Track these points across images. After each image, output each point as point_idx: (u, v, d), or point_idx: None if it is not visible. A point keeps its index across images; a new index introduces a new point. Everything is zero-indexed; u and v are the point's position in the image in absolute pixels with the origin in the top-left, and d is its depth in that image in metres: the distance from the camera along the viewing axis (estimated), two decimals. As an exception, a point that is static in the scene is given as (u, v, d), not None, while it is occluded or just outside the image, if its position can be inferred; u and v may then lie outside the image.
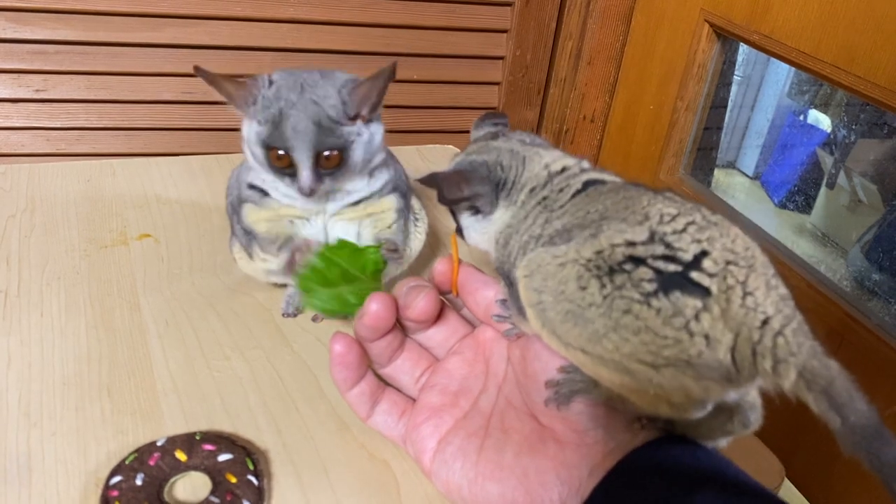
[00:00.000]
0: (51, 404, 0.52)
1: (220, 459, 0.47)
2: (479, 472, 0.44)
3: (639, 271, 0.36)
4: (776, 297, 0.36)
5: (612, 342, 0.37)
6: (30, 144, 1.32)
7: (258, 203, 0.59)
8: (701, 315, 0.35)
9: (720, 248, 0.37)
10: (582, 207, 0.42)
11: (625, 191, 0.42)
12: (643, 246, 0.37)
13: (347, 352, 0.47)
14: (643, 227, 0.38)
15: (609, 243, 0.38)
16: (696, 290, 0.36)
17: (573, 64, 1.55)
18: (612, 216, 0.40)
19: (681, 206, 0.39)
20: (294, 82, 0.54)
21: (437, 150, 0.98)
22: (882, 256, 1.31)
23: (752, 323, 0.35)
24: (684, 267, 0.36)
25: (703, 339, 0.35)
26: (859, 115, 1.54)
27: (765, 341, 0.35)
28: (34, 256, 0.67)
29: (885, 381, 0.99)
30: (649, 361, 0.36)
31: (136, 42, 1.30)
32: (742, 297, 0.36)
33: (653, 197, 0.40)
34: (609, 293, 0.37)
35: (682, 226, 0.38)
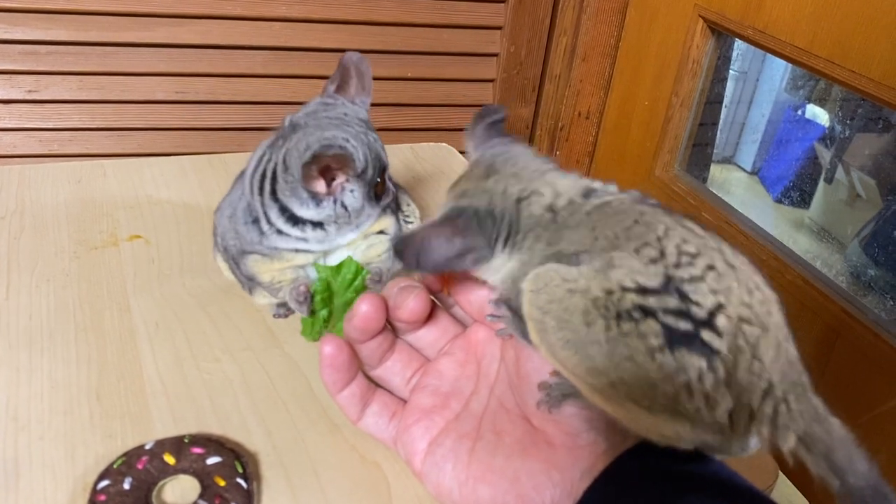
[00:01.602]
0: (39, 408, 0.51)
1: (208, 462, 0.46)
2: (471, 474, 0.44)
3: (647, 323, 0.35)
4: (784, 362, 0.35)
5: (609, 380, 0.36)
6: (22, 145, 1.31)
7: (269, 255, 0.57)
8: (704, 376, 0.34)
9: (737, 302, 0.35)
10: (588, 232, 0.40)
11: (638, 213, 0.39)
12: (655, 297, 0.35)
13: (337, 353, 0.46)
14: (657, 267, 0.36)
15: (619, 285, 0.36)
16: (703, 348, 0.34)
17: (568, 60, 1.55)
18: (625, 245, 0.38)
19: (701, 243, 0.37)
20: (336, 123, 0.54)
21: (431, 149, 0.97)
22: (880, 251, 1.31)
23: (755, 390, 0.34)
24: (696, 325, 0.35)
25: (702, 398, 0.35)
26: (857, 109, 1.54)
27: (765, 409, 0.34)
28: (23, 258, 0.67)
29: (881, 377, 0.99)
30: (645, 405, 0.36)
31: (128, 42, 1.29)
32: (749, 362, 0.34)
33: (671, 225, 0.38)
34: (614, 336, 0.35)
35: (701, 271, 0.36)
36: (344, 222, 0.56)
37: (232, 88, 1.38)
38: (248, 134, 1.40)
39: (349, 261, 0.57)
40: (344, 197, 0.54)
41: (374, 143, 0.55)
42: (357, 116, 0.56)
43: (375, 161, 0.55)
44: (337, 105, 0.57)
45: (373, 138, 0.55)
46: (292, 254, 0.57)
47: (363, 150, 0.54)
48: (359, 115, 0.56)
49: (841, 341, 1.04)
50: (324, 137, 0.53)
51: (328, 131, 0.54)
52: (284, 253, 0.57)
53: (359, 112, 0.57)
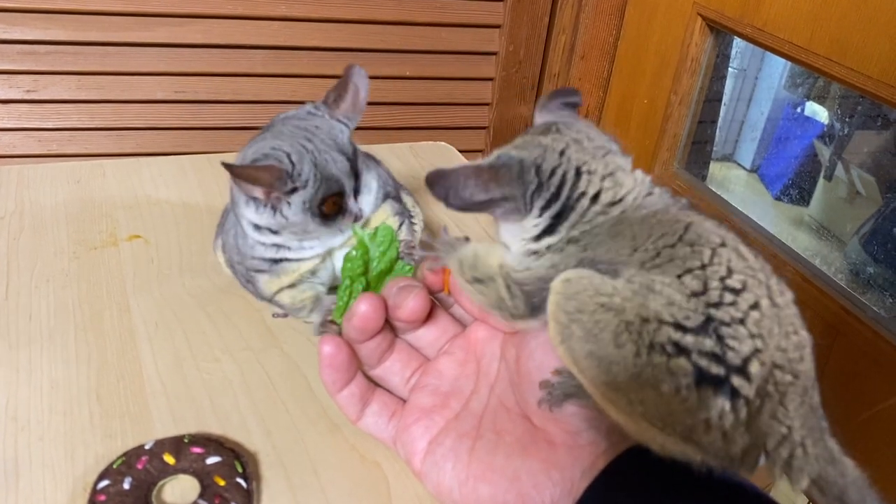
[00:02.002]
0: (38, 408, 0.52)
1: (208, 462, 0.46)
2: (471, 473, 0.44)
3: (679, 362, 0.34)
4: (807, 409, 0.35)
5: (628, 398, 0.36)
6: (21, 145, 1.31)
7: (274, 272, 0.57)
8: (725, 416, 0.34)
9: (773, 347, 0.35)
10: (629, 241, 0.39)
11: (684, 226, 0.38)
12: (693, 336, 0.34)
13: (337, 353, 0.46)
14: (698, 302, 0.35)
15: (657, 317, 0.35)
16: (730, 392, 0.34)
17: (567, 59, 1.55)
18: (667, 267, 0.37)
19: (750, 274, 0.36)
20: (296, 138, 0.53)
21: (430, 147, 0.97)
22: (880, 248, 1.31)
23: (774, 434, 0.34)
24: (728, 370, 0.34)
25: (720, 434, 0.34)
26: (856, 106, 1.54)
27: (781, 452, 0.34)
28: (23, 259, 0.67)
29: (880, 375, 0.99)
30: (659, 427, 0.36)
31: (127, 41, 1.29)
32: (775, 409, 0.34)
33: (717, 249, 0.37)
34: (643, 364, 0.35)
35: (743, 313, 0.35)
36: (291, 232, 0.55)
37: (232, 88, 1.38)
38: (247, 134, 1.38)
39: (384, 227, 0.53)
40: (281, 207, 0.53)
41: (329, 164, 0.53)
42: (330, 134, 0.54)
43: (323, 182, 0.52)
44: (316, 117, 0.56)
45: (332, 158, 0.53)
46: (290, 264, 0.57)
47: (308, 169, 0.52)
48: (332, 133, 0.54)
49: (840, 339, 1.04)
50: (271, 147, 0.53)
51: (281, 141, 0.53)
52: (284, 265, 0.57)
53: (334, 129, 0.55)
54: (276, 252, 0.56)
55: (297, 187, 0.52)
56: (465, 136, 1.58)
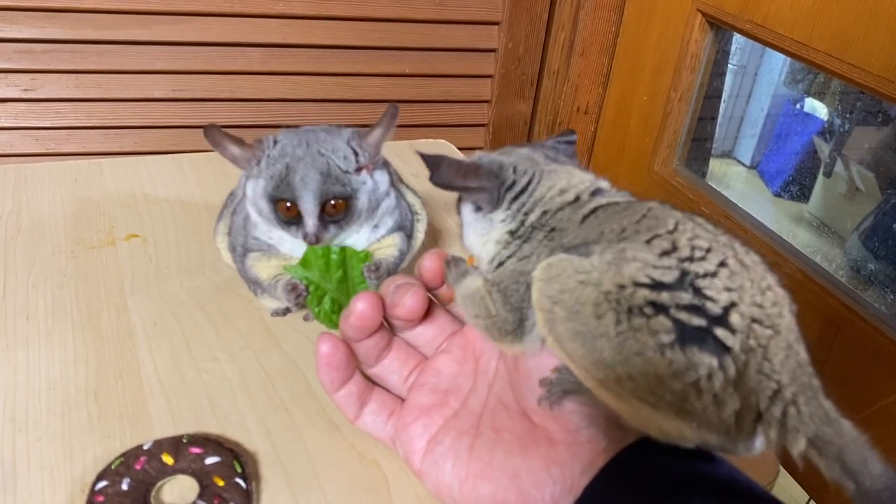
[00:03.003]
0: (36, 409, 0.51)
1: (207, 462, 0.46)
2: (470, 471, 0.43)
3: (658, 320, 0.34)
4: (794, 364, 0.35)
5: (616, 374, 0.36)
6: (18, 144, 1.31)
7: (267, 252, 0.58)
8: (714, 375, 0.34)
9: (749, 301, 0.35)
10: (595, 228, 0.40)
11: (646, 208, 0.40)
12: (668, 292, 0.35)
13: (334, 352, 0.46)
14: (671, 260, 0.36)
15: (632, 280, 0.35)
16: (714, 346, 0.34)
17: (566, 55, 1.55)
18: (635, 237, 0.38)
19: (713, 238, 0.37)
20: (299, 140, 0.55)
21: (429, 145, 0.97)
22: (880, 244, 1.31)
23: (764, 391, 0.34)
24: (709, 321, 0.34)
25: (710, 397, 0.34)
26: (855, 103, 1.54)
27: (773, 411, 0.34)
28: (20, 258, 0.67)
29: (881, 371, 0.99)
30: (650, 402, 0.35)
31: (124, 40, 1.29)
32: (760, 363, 0.34)
33: (682, 219, 0.38)
34: (624, 331, 0.35)
35: (714, 267, 0.36)
36: (262, 216, 0.56)
37: (229, 86, 1.37)
38: (245, 131, 1.38)
39: (310, 249, 0.56)
40: (255, 183, 0.55)
41: (296, 174, 0.53)
42: (330, 155, 0.54)
43: (280, 185, 0.53)
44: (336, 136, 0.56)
45: (305, 173, 0.53)
46: (287, 255, 0.57)
47: (278, 168, 0.53)
48: (332, 157, 0.54)
49: (841, 335, 1.04)
50: (272, 135, 0.56)
51: (284, 136, 0.56)
52: (278, 252, 0.57)
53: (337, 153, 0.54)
54: (270, 238, 0.58)
55: (258, 175, 0.55)
56: (464, 133, 1.58)
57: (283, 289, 0.56)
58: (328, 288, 0.56)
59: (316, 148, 0.54)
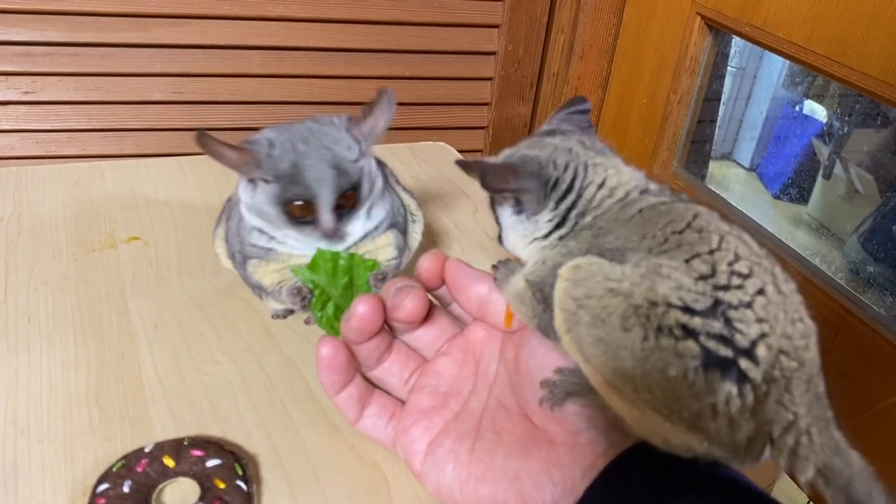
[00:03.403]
0: (38, 411, 0.51)
1: (208, 465, 0.46)
2: (471, 473, 0.44)
3: (687, 344, 0.34)
4: (812, 397, 0.35)
5: (634, 385, 0.36)
6: (19, 147, 1.31)
7: (265, 258, 0.57)
8: (732, 401, 0.34)
9: (780, 332, 0.35)
10: (637, 229, 0.40)
11: (692, 215, 0.39)
12: (701, 319, 0.35)
13: (335, 355, 0.46)
14: (706, 285, 0.35)
15: (665, 300, 0.35)
16: (737, 375, 0.34)
17: (565, 58, 1.55)
18: (675, 252, 0.37)
19: (755, 262, 0.37)
20: (298, 136, 0.54)
21: (429, 148, 0.97)
22: (879, 246, 1.31)
23: (780, 421, 0.34)
24: (736, 352, 0.34)
25: (726, 420, 0.34)
26: (854, 105, 1.54)
27: (786, 439, 0.34)
28: (21, 261, 0.67)
29: (880, 374, 0.99)
30: (664, 414, 0.36)
31: (124, 42, 1.29)
32: (780, 394, 0.34)
33: (727, 235, 0.38)
34: (650, 347, 0.35)
35: (751, 296, 0.35)
36: (266, 221, 0.55)
37: (229, 88, 1.38)
38: (245, 134, 1.39)
39: (320, 253, 0.55)
40: (255, 187, 0.54)
41: (309, 170, 0.52)
42: (333, 146, 0.53)
43: (292, 184, 0.52)
44: (332, 127, 0.55)
45: (317, 168, 0.52)
46: (287, 255, 0.57)
47: (284, 166, 0.52)
48: (336, 147, 0.53)
49: (840, 338, 1.04)
50: (265, 135, 0.54)
51: (280, 134, 0.54)
52: (278, 255, 0.57)
53: (340, 143, 0.54)
54: (268, 241, 0.57)
55: (263, 179, 0.53)
56: (464, 135, 1.58)
57: (289, 293, 0.55)
58: (333, 293, 0.56)
59: (319, 142, 0.53)
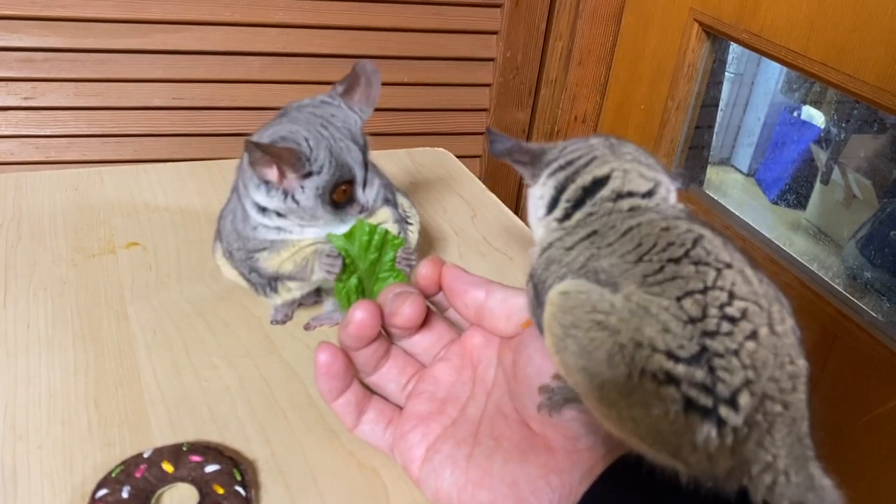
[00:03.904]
0: (37, 417, 0.52)
1: (207, 470, 0.46)
2: (469, 479, 0.44)
3: (668, 390, 0.34)
4: (794, 439, 0.35)
5: (618, 413, 0.36)
6: (18, 152, 1.31)
7: (273, 248, 0.58)
8: (711, 441, 0.34)
9: (766, 377, 0.35)
10: (633, 246, 0.39)
11: (692, 240, 0.38)
12: (685, 367, 0.34)
13: (332, 361, 0.46)
14: (694, 330, 0.35)
15: (650, 344, 0.35)
16: (717, 419, 0.34)
17: (564, 65, 1.55)
18: (668, 285, 0.37)
19: (750, 301, 0.36)
20: (315, 123, 0.55)
21: (428, 153, 0.97)
22: (877, 252, 1.31)
23: (759, 462, 0.35)
24: (716, 401, 0.34)
25: (705, 455, 0.35)
26: (852, 111, 1.54)
27: (764, 478, 0.35)
28: (20, 266, 0.67)
29: (877, 379, 0.99)
30: (648, 443, 0.36)
31: (125, 48, 1.29)
32: (761, 437, 0.35)
33: (723, 271, 0.37)
34: (634, 386, 0.35)
35: (739, 342, 0.35)
36: (298, 216, 0.56)
37: (229, 94, 1.38)
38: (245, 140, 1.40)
39: (360, 224, 0.57)
40: (294, 192, 0.54)
41: (343, 152, 0.54)
42: (346, 123, 0.56)
43: (337, 169, 0.54)
44: (332, 106, 0.57)
45: (346, 147, 0.55)
46: (293, 241, 0.57)
47: (323, 155, 0.53)
48: (347, 122, 0.56)
49: (838, 343, 1.04)
50: (288, 131, 0.54)
51: (298, 126, 0.54)
52: (287, 243, 0.57)
53: (349, 119, 0.56)
54: (278, 234, 0.57)
55: (313, 172, 0.54)
56: (462, 141, 1.59)
57: (323, 261, 0.56)
58: (360, 266, 0.57)
59: (334, 124, 0.55)
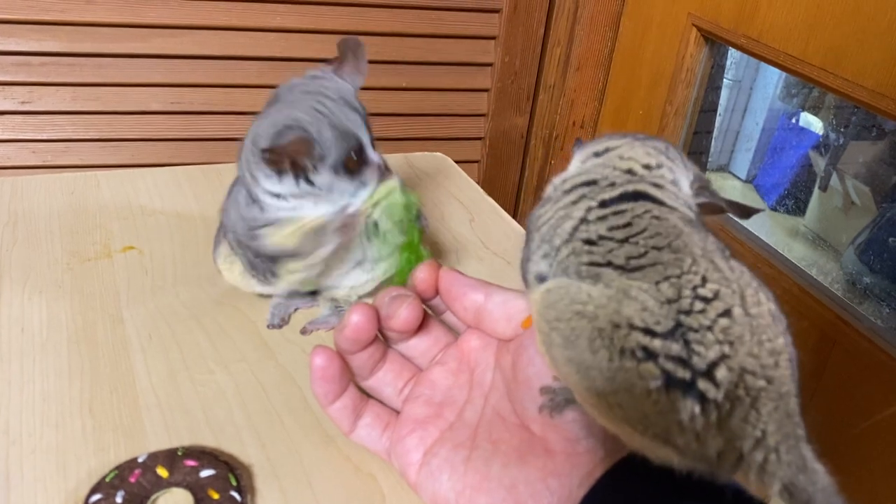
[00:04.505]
0: (30, 421, 0.51)
1: (202, 475, 0.46)
2: (467, 483, 0.43)
3: (647, 366, 0.35)
4: (782, 415, 0.35)
5: (607, 403, 0.36)
6: (15, 157, 1.31)
7: (279, 224, 0.57)
8: (696, 418, 0.35)
9: (744, 352, 0.35)
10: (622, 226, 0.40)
11: (675, 234, 0.40)
12: (661, 341, 0.35)
13: (328, 365, 0.46)
14: (670, 309, 0.36)
15: (628, 322, 0.36)
16: (698, 394, 0.35)
17: (562, 70, 1.55)
18: (649, 272, 0.38)
19: (723, 285, 0.37)
20: (312, 102, 0.54)
21: (426, 158, 0.97)
22: (876, 258, 1.31)
23: (747, 438, 0.35)
24: (694, 374, 0.35)
25: (693, 435, 0.35)
26: (850, 117, 1.55)
27: (755, 456, 0.35)
28: (16, 270, 0.67)
29: (877, 385, 0.99)
30: (639, 429, 0.36)
31: (122, 53, 1.29)
32: (746, 412, 0.35)
33: (697, 259, 0.38)
34: (615, 368, 0.36)
35: (713, 319, 0.36)
36: (314, 195, 0.56)
37: (227, 99, 1.38)
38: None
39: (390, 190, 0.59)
40: (308, 174, 0.54)
41: (344, 121, 0.54)
42: (339, 92, 0.56)
43: (343, 139, 0.54)
44: (323, 78, 0.57)
45: (346, 115, 0.55)
46: (297, 218, 0.57)
47: (327, 132, 0.53)
48: (341, 91, 0.56)
49: (837, 349, 1.04)
50: (289, 118, 0.54)
51: (296, 110, 0.54)
52: (291, 218, 0.57)
53: (342, 88, 0.56)
54: (277, 211, 0.57)
55: (325, 154, 0.54)
56: (460, 146, 1.59)
57: (337, 226, 0.56)
58: (414, 237, 0.60)
59: (330, 97, 0.55)
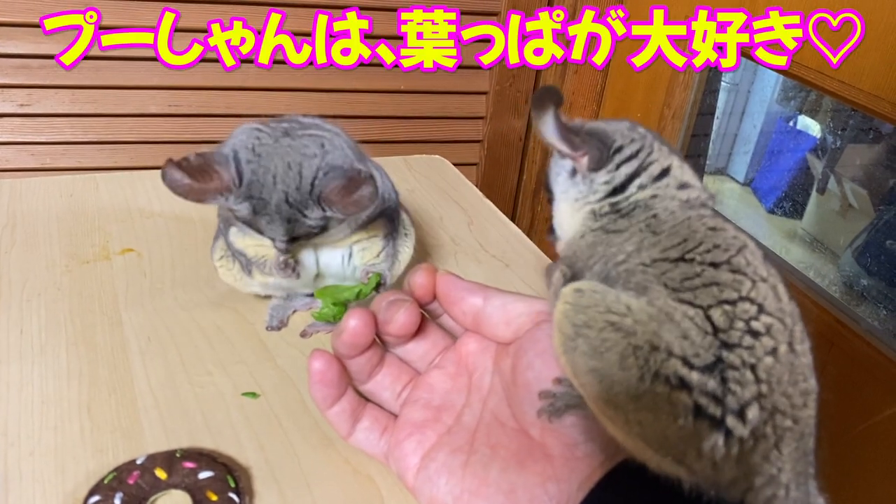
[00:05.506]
0: (29, 423, 0.51)
1: (200, 477, 0.46)
2: (465, 487, 0.43)
3: (680, 395, 0.35)
4: (800, 454, 0.36)
5: (625, 417, 0.36)
6: (14, 159, 1.31)
7: (242, 230, 0.58)
8: (717, 450, 0.35)
9: (779, 392, 0.35)
10: (679, 241, 0.40)
11: (737, 248, 0.39)
12: (699, 374, 0.35)
13: (327, 369, 0.46)
14: (714, 341, 0.35)
15: (667, 348, 0.35)
16: (725, 430, 0.35)
17: (560, 73, 1.55)
18: (701, 291, 0.37)
19: (777, 318, 0.37)
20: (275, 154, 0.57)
21: (424, 161, 0.97)
22: (873, 260, 1.31)
23: (763, 474, 0.35)
24: (724, 412, 0.35)
25: (710, 463, 0.35)
26: (847, 120, 1.55)
27: (765, 490, 0.35)
28: (14, 273, 0.67)
29: (875, 386, 0.99)
30: (654, 448, 0.36)
31: (120, 56, 1.29)
32: (768, 450, 0.35)
33: (758, 283, 0.37)
34: (645, 389, 0.35)
35: (759, 357, 0.35)
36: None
37: (225, 102, 1.38)
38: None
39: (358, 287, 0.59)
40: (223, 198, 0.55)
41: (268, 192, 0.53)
42: (300, 170, 0.54)
43: (258, 189, 0.54)
44: (315, 157, 0.56)
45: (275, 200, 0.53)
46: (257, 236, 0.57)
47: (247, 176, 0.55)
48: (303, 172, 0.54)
49: (835, 351, 1.04)
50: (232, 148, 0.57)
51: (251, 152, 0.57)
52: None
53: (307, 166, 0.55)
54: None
55: (233, 191, 0.54)
56: (459, 149, 1.59)
57: (277, 266, 0.58)
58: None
59: (289, 161, 0.55)
